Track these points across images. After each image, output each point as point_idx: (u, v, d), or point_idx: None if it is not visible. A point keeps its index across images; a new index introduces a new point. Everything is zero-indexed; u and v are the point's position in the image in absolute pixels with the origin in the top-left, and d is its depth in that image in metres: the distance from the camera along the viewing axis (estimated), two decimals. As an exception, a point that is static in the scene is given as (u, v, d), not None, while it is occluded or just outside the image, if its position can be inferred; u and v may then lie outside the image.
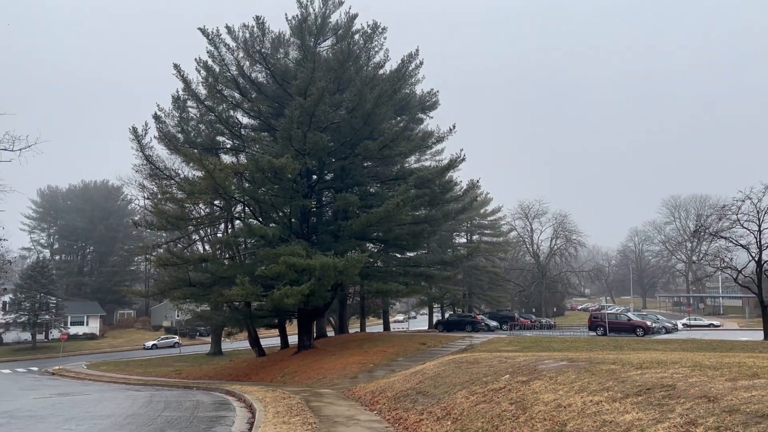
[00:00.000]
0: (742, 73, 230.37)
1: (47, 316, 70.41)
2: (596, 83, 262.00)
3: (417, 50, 37.08)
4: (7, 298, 68.90)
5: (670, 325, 48.83)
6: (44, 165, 76.44)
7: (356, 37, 36.69)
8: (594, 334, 41.06)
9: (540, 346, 27.45)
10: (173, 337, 73.74)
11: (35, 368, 53.59)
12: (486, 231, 74.68)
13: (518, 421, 10.48)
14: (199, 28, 33.51)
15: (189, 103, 35.61)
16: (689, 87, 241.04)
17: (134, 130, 32.63)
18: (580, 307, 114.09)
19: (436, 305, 69.75)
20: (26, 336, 70.86)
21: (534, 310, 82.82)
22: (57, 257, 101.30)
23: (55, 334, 71.54)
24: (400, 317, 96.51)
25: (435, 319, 65.21)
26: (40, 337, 71.85)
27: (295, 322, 39.77)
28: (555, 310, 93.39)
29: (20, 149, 27.55)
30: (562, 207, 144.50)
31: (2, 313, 69.32)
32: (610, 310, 58.36)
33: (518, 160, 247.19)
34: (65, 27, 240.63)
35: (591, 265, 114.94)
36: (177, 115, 35.50)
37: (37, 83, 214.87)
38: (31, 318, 68.70)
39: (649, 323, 42.83)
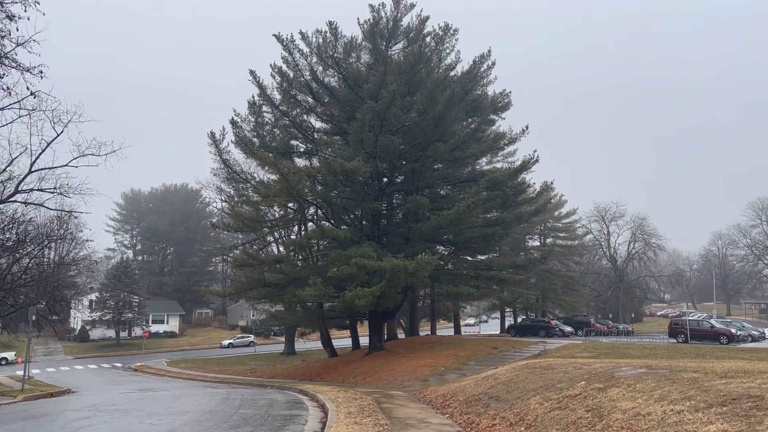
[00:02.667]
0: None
1: (130, 315, 74.01)
2: (671, 83, 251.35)
3: (489, 51, 36.75)
4: (93, 296, 72.72)
5: (756, 333, 46.03)
6: (127, 169, 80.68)
7: (427, 39, 36.71)
8: (674, 341, 39.45)
9: (617, 353, 26.65)
10: (248, 337, 75.88)
11: (119, 364, 56.38)
12: (560, 234, 72.98)
13: (595, 428, 10.24)
14: (274, 35, 34.44)
15: (264, 108, 36.62)
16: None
17: (212, 135, 33.89)
18: (659, 313, 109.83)
19: (508, 309, 68.74)
20: (111, 333, 74.77)
21: (611, 315, 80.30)
22: (139, 258, 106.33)
23: (137, 331, 75.14)
24: (471, 321, 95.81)
25: (507, 324, 64.33)
26: (123, 334, 75.63)
27: (366, 323, 40.12)
28: (633, 315, 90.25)
29: (105, 154, 29.18)
30: (640, 210, 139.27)
31: (89, 310, 73.25)
32: (692, 316, 55.71)
33: (594, 162, 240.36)
34: (147, 37, 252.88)
35: (671, 269, 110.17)
36: (253, 120, 36.57)
37: (117, 90, 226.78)
38: (115, 316, 72.41)
39: (733, 331, 40.60)
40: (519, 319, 63.99)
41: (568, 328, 49.88)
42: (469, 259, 44.09)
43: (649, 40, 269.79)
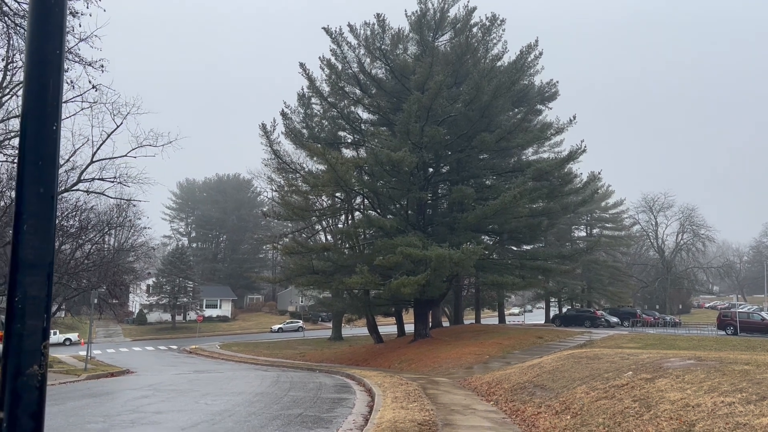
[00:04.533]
0: None
1: (185, 299, 76.45)
2: (721, 70, 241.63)
3: (536, 41, 36.46)
4: (150, 281, 75.38)
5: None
6: (183, 159, 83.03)
7: (474, 30, 36.62)
8: (723, 333, 38.68)
9: (664, 344, 26.40)
10: (297, 322, 77.44)
11: (174, 346, 58.39)
12: (607, 224, 71.95)
13: (642, 418, 10.24)
14: (324, 28, 34.92)
15: (313, 99, 37.22)
16: None
17: (263, 127, 34.76)
18: (707, 305, 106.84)
19: (553, 299, 68.31)
20: (167, 317, 77.36)
21: (657, 306, 78.92)
22: (194, 245, 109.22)
23: (191, 315, 77.48)
24: (516, 310, 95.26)
25: (552, 314, 63.98)
26: (178, 318, 78.15)
27: (411, 311, 40.60)
28: (680, 307, 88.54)
29: (162, 145, 30.45)
30: (689, 200, 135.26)
31: (146, 295, 75.95)
32: (742, 308, 54.28)
33: (643, 152, 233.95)
34: (201, 31, 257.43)
35: (720, 261, 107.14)
36: (302, 111, 37.22)
37: (173, 83, 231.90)
38: (171, 300, 74.93)
39: (785, 323, 39.53)
40: (564, 309, 63.57)
41: (614, 319, 49.34)
42: (515, 248, 44.01)
43: (692, 24, 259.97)
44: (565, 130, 36.47)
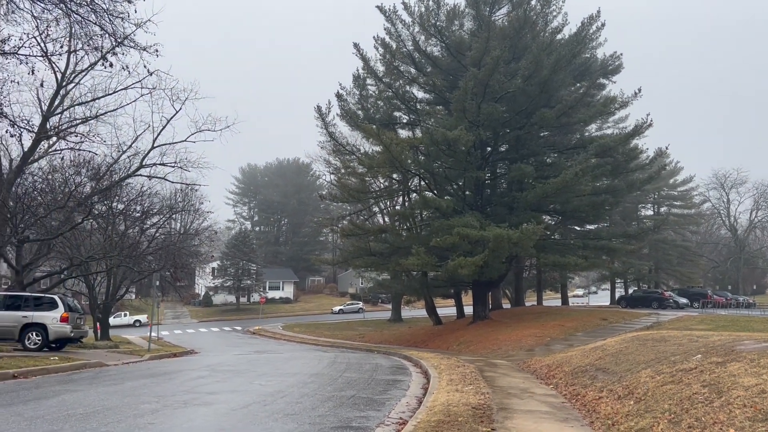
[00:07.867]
0: None
1: (248, 281, 78.75)
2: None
3: (598, 11, 34.90)
4: (215, 264, 77.79)
5: None
6: (245, 144, 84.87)
7: (533, 2, 35.41)
8: (802, 314, 36.58)
9: (737, 326, 25.12)
10: (357, 303, 78.40)
11: (239, 327, 60.11)
12: (675, 202, 69.29)
13: (712, 405, 9.67)
14: (377, 6, 34.49)
15: (368, 80, 36.98)
16: None
17: (319, 109, 34.75)
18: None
19: (618, 280, 66.48)
20: (231, 299, 79.87)
21: (730, 287, 75.74)
22: (257, 228, 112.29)
23: (255, 297, 79.71)
24: (580, 292, 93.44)
25: (617, 295, 62.31)
26: (242, 299, 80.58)
27: (470, 292, 40.19)
28: (754, 287, 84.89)
29: (221, 129, 30.96)
30: (764, 176, 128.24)
31: (211, 277, 78.49)
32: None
33: (714, 125, 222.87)
34: (257, 17, 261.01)
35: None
36: (357, 92, 37.00)
37: (232, 69, 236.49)
38: (235, 282, 77.30)
39: None
40: (630, 291, 61.82)
41: (683, 300, 47.59)
42: (577, 228, 42.82)
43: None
44: (630, 104, 34.83)
